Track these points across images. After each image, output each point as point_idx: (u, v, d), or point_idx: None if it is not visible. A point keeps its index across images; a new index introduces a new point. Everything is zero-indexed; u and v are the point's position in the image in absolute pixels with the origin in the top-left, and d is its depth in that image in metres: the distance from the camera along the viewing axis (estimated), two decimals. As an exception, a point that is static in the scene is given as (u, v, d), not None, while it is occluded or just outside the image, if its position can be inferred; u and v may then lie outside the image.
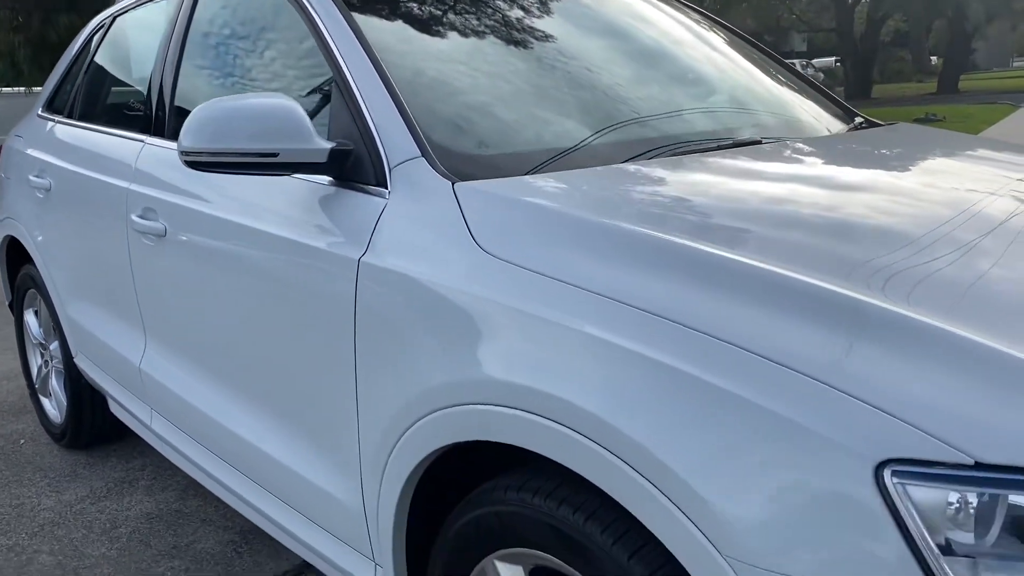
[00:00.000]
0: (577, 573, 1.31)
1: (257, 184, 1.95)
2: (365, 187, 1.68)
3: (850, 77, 30.79)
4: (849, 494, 1.01)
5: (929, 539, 0.98)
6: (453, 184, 1.55)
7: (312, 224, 1.76)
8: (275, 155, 1.67)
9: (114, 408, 2.94)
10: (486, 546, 1.46)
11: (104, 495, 2.94)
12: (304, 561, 2.20)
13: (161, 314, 2.37)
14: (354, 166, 1.71)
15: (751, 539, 1.06)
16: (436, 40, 2.08)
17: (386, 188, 1.64)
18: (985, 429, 0.99)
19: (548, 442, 1.28)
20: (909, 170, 1.96)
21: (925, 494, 0.99)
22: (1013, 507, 0.97)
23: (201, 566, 2.44)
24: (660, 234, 1.34)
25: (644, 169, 1.69)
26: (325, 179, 1.77)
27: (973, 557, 0.98)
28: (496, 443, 1.38)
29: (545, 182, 1.59)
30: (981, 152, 2.25)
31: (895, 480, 0.99)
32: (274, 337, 1.86)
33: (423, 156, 1.62)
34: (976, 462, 0.97)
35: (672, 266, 1.28)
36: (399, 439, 1.52)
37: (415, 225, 1.56)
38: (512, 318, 1.35)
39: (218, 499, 2.51)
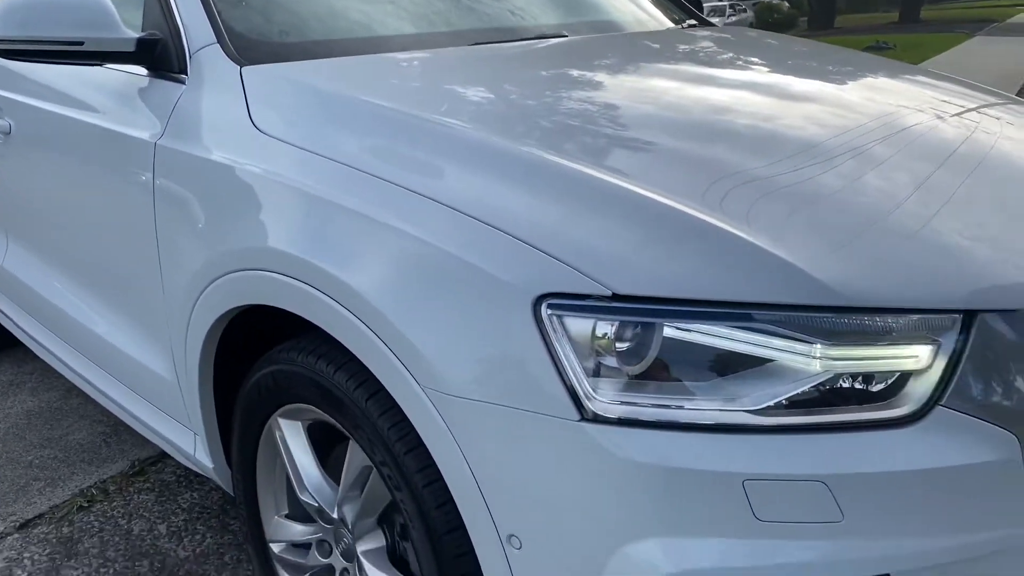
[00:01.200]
0: (336, 423, 1.44)
1: (87, 78, 2.01)
2: (171, 75, 1.75)
3: (814, 6, 30.61)
4: (515, 326, 1.13)
5: (577, 364, 1.10)
6: (241, 68, 1.63)
7: (124, 112, 1.83)
8: (81, 43, 1.73)
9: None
10: (269, 405, 1.58)
11: (-10, 396, 3.04)
12: (164, 451, 2.32)
13: (16, 213, 2.44)
14: (162, 55, 1.77)
15: (441, 370, 1.18)
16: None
17: (185, 74, 1.71)
18: (624, 265, 1.11)
19: (301, 301, 1.39)
20: (689, 66, 2.06)
21: (577, 324, 1.11)
22: (666, 338, 1.10)
23: (69, 455, 2.56)
24: (407, 110, 1.44)
25: (431, 57, 1.78)
26: (140, 69, 1.83)
27: (613, 379, 1.10)
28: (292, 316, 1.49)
29: (328, 66, 1.67)
30: (795, 60, 2.34)
31: (549, 312, 1.11)
32: (97, 224, 1.94)
33: (219, 42, 1.69)
34: (614, 294, 1.09)
35: (415, 140, 1.39)
36: (194, 306, 1.62)
37: (204, 107, 1.64)
38: (277, 191, 1.44)
39: (90, 394, 2.62)
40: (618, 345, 1.10)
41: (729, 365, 1.09)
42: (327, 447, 1.60)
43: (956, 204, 1.31)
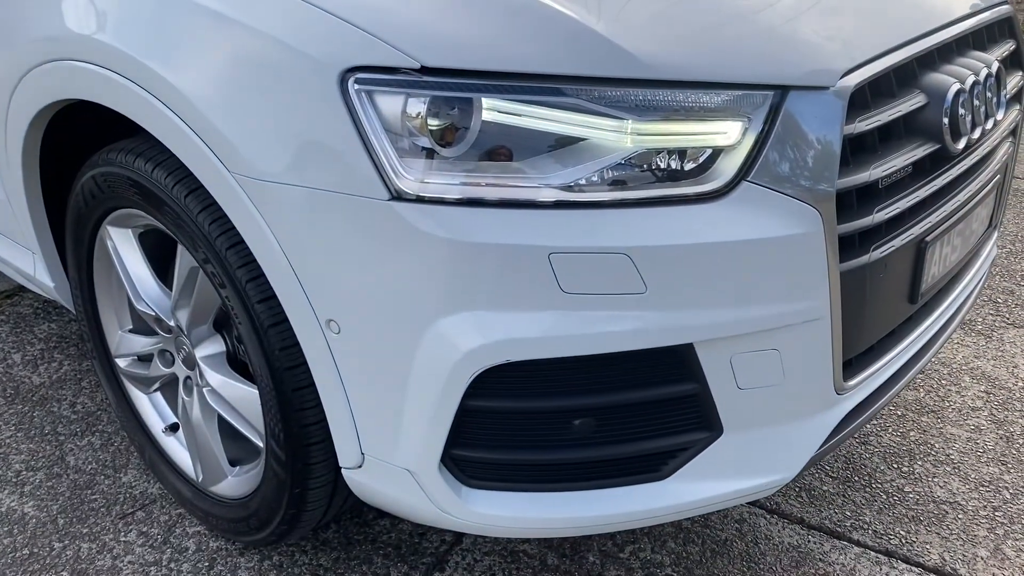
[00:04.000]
0: (160, 224, 1.39)
1: None
2: None
3: None
4: (321, 103, 1.08)
5: (387, 142, 1.07)
6: None
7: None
8: None
9: None
10: (96, 213, 1.51)
11: None
12: (19, 285, 2.23)
13: None
14: None
15: (249, 154, 1.13)
16: None
17: None
18: (432, 37, 1.06)
19: (108, 91, 1.30)
20: None
21: (386, 101, 1.07)
22: (478, 119, 1.07)
23: (-85, 290, 2.45)
24: None
25: None
26: None
27: (430, 157, 1.08)
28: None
29: None
30: None
31: (357, 87, 1.07)
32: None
33: None
34: (423, 67, 1.05)
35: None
36: (8, 108, 1.51)
37: None
38: None
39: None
40: (430, 123, 1.07)
41: (541, 143, 1.08)
42: (164, 259, 1.55)
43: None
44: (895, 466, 1.82)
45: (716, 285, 1.10)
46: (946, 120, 1.28)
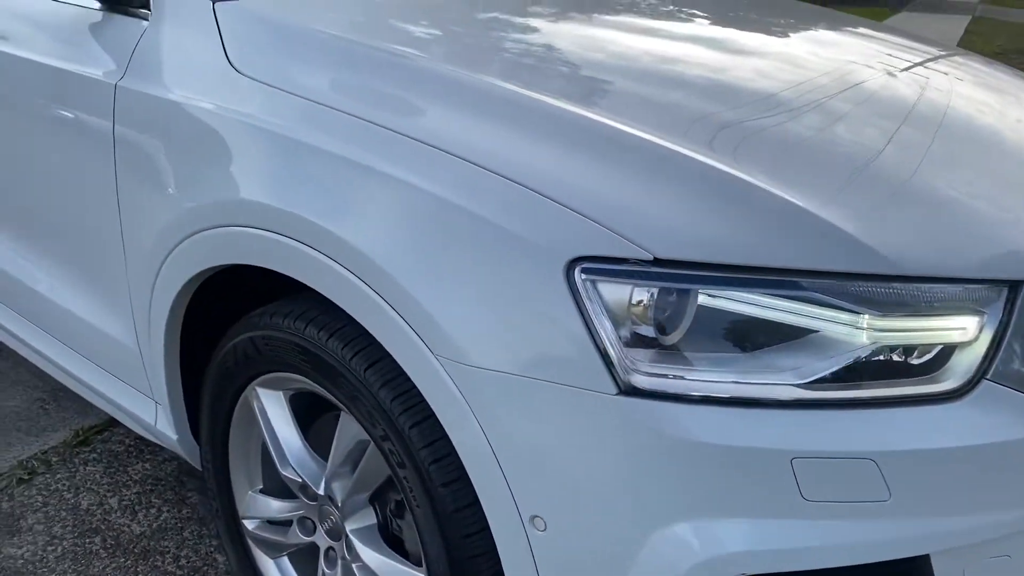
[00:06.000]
0: (323, 389, 1.33)
1: (27, 10, 1.82)
2: (130, 10, 1.59)
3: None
4: (544, 291, 1.04)
5: (613, 333, 1.03)
6: (214, 3, 1.48)
7: (77, 50, 1.65)
8: (28, -28, 1.55)
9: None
10: (246, 373, 1.46)
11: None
12: (111, 418, 2.17)
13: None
14: (120, -13, 1.60)
15: (458, 337, 1.09)
16: None
17: (147, 9, 1.55)
18: (666, 228, 1.03)
19: (284, 256, 1.27)
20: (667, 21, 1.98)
21: (612, 290, 1.03)
22: (701, 305, 1.03)
23: (4, 423, 2.38)
24: (397, 49, 1.33)
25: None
26: (96, 3, 1.66)
27: (649, 348, 1.03)
28: (267, 278, 1.37)
29: (308, 3, 1.54)
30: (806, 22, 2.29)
31: (583, 277, 1.03)
32: (45, 174, 1.76)
33: (185, -26, 1.54)
34: (655, 258, 1.01)
35: (408, 81, 1.28)
36: (162, 264, 1.49)
37: (173, 46, 1.49)
38: (259, 138, 1.31)
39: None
40: (655, 313, 1.03)
41: (773, 335, 1.03)
42: (308, 417, 1.50)
43: (988, 174, 1.28)
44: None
45: (956, 491, 1.04)
46: None
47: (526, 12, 1.76)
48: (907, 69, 1.77)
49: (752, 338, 1.03)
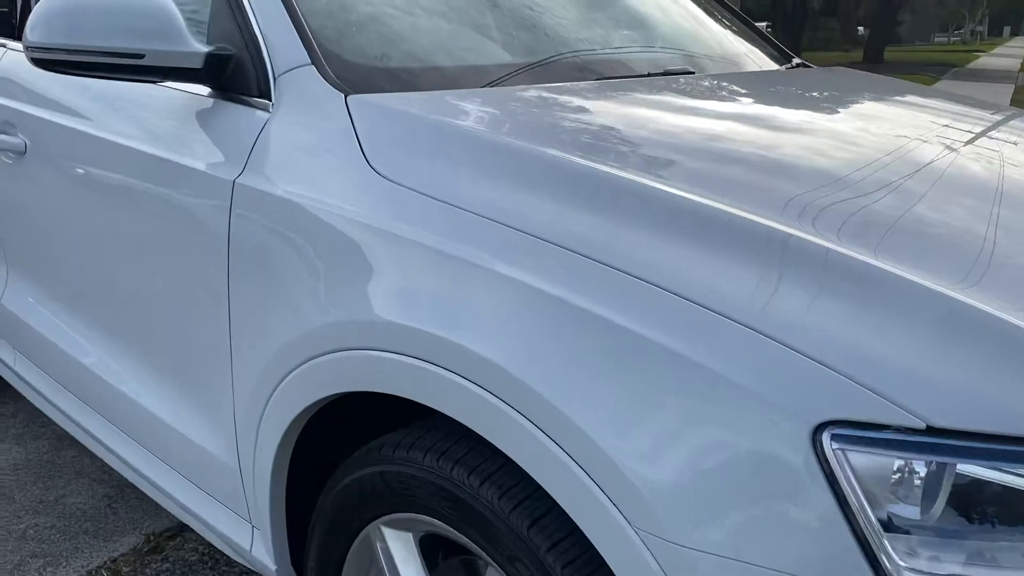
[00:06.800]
0: (472, 543, 1.15)
1: (127, 94, 1.70)
2: (247, 99, 1.46)
3: (781, 42, 31.00)
4: (781, 459, 0.86)
5: (871, 513, 0.84)
6: (346, 96, 1.34)
7: (186, 140, 1.52)
8: (140, 56, 1.43)
9: (-23, 348, 2.65)
10: (371, 510, 1.29)
11: (-32, 444, 2.67)
12: (182, 522, 2.00)
13: (24, 243, 2.10)
14: (235, 74, 1.48)
15: (667, 509, 0.91)
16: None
17: (270, 100, 1.42)
18: (941, 390, 0.85)
19: (440, 393, 1.10)
20: (847, 111, 1.82)
21: (868, 461, 0.85)
22: (960, 476, 0.85)
23: (68, 523, 2.22)
24: (576, 159, 1.17)
25: (563, 93, 1.51)
26: (204, 89, 1.53)
27: (913, 533, 0.85)
28: (388, 395, 1.20)
29: (453, 100, 1.39)
30: (915, 98, 2.13)
31: (835, 445, 0.85)
32: (142, 269, 1.63)
33: (313, 64, 1.41)
34: (928, 426, 0.83)
35: (588, 195, 1.11)
36: (276, 388, 1.33)
37: (300, 142, 1.35)
38: (406, 250, 1.16)
39: (92, 450, 2.28)
40: (928, 491, 0.84)
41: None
42: (432, 551, 1.31)
43: None
44: None
45: None
46: None
47: (725, 113, 1.58)
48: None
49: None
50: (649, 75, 1.68)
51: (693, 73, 1.76)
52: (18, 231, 2.10)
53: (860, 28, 44.56)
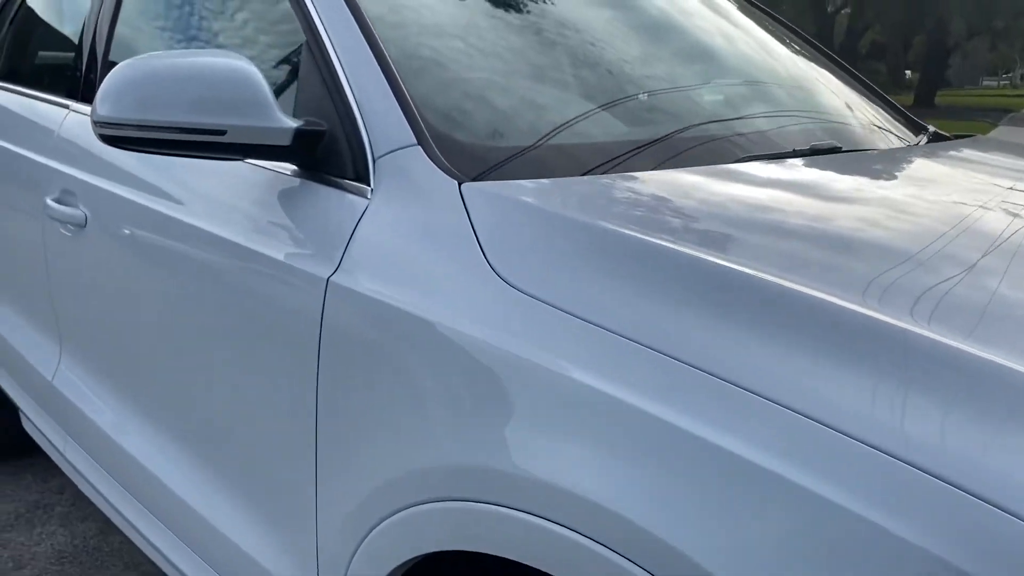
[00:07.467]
0: None
1: (202, 170, 1.52)
2: (341, 182, 1.27)
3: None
4: None
5: None
6: (460, 184, 1.14)
7: (269, 226, 1.34)
8: (222, 133, 1.25)
9: (26, 425, 2.48)
10: None
11: (11, 523, 2.49)
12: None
13: (79, 322, 1.93)
14: (327, 153, 1.29)
15: None
16: (441, 4, 1.67)
17: (368, 185, 1.22)
18: None
19: (561, 559, 0.88)
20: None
21: None
22: None
23: (116, 628, 2.02)
24: (741, 268, 0.95)
25: (712, 179, 1.29)
26: (289, 168, 1.35)
27: None
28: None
29: (589, 188, 1.19)
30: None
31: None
32: (213, 367, 1.44)
33: (420, 144, 1.21)
34: None
35: (754, 310, 0.89)
36: (375, 527, 1.11)
37: (406, 237, 1.15)
38: (537, 378, 0.94)
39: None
40: None
41: None
42: None
43: None
44: None
45: None
46: None
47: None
48: None
49: None
50: (794, 154, 1.45)
51: (841, 149, 1.54)
52: (74, 308, 1.93)
53: (907, 72, 44.03)
